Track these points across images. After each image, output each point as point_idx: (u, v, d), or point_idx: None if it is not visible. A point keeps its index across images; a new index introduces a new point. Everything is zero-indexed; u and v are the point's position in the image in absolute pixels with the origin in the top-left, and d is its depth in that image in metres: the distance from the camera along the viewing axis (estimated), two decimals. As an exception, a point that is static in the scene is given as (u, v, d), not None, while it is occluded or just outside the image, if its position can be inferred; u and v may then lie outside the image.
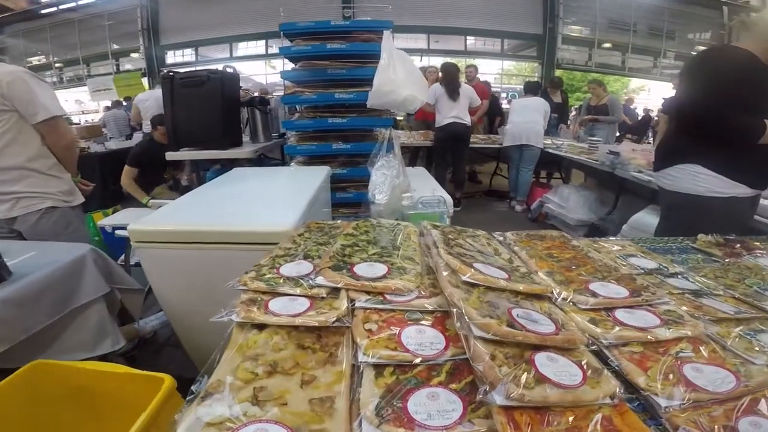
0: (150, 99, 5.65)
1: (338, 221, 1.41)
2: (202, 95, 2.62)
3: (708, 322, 0.91)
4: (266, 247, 1.30)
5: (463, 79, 5.47)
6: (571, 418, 0.64)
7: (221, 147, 2.80)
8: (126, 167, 3.51)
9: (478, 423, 0.64)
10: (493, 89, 10.56)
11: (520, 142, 4.83)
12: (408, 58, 2.30)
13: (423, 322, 0.85)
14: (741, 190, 1.66)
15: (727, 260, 1.35)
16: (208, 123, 2.71)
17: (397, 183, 2.04)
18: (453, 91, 4.70)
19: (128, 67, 14.25)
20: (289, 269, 1.01)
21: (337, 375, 0.73)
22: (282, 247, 1.16)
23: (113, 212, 3.36)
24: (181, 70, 2.89)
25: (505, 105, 10.13)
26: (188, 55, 14.13)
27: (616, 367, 0.77)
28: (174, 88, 2.68)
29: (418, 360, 0.74)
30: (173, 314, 1.72)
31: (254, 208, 1.62)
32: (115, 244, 2.90)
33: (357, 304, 0.88)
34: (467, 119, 4.85)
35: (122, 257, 2.59)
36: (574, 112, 8.61)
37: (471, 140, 5.26)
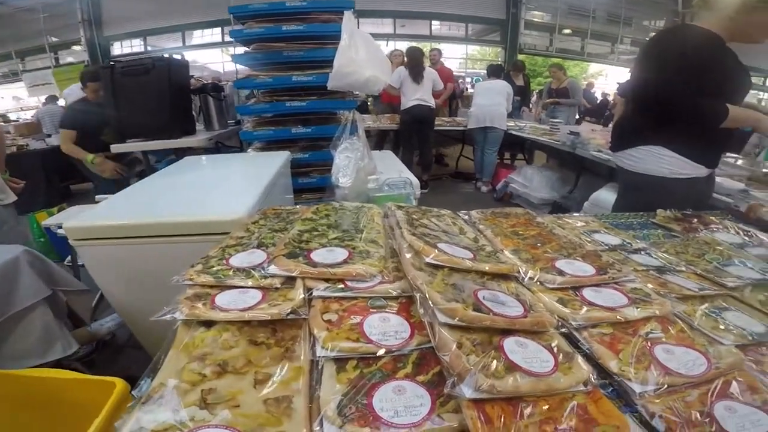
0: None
1: (298, 206, 1.32)
2: (147, 84, 2.43)
3: (674, 300, 0.90)
4: (216, 237, 1.21)
5: (427, 62, 5.46)
6: (545, 408, 0.60)
7: (172, 136, 2.62)
8: (62, 132, 3.21)
9: (448, 418, 0.59)
10: (457, 74, 10.64)
11: (485, 125, 4.91)
12: (370, 38, 2.20)
13: (387, 309, 0.79)
14: (702, 171, 1.69)
15: (685, 235, 1.37)
16: (156, 112, 2.51)
17: (362, 165, 1.97)
18: (417, 74, 4.71)
19: (70, 60, 13.23)
20: (240, 260, 0.92)
21: (294, 371, 0.67)
22: (234, 237, 1.06)
23: (59, 211, 3.11)
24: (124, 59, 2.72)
25: (470, 89, 10.31)
26: (137, 45, 13.15)
27: (587, 351, 0.74)
28: (115, 78, 2.47)
29: (382, 351, 0.69)
30: (126, 314, 1.59)
31: (204, 197, 1.49)
32: (61, 245, 2.66)
33: (315, 293, 0.80)
34: (431, 102, 4.87)
35: (69, 258, 2.40)
36: (535, 96, 8.83)
37: (436, 123, 5.28)
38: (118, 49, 13.20)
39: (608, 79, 15.31)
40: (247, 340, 0.73)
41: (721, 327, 0.84)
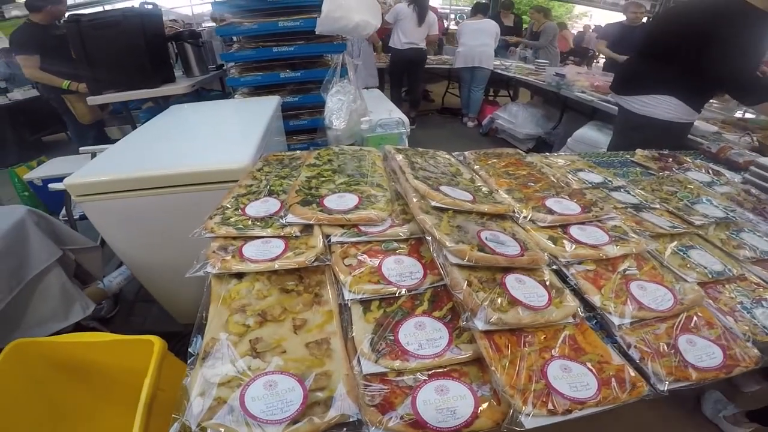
0: None
1: (297, 152, 1.31)
2: (119, 36, 2.22)
3: (648, 239, 0.98)
4: (223, 186, 1.19)
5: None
6: (542, 338, 0.69)
7: (152, 85, 2.47)
8: (20, 59, 2.81)
9: (464, 348, 0.67)
10: (441, 10, 10.01)
11: (473, 65, 4.79)
12: None
13: (399, 251, 0.84)
14: (695, 116, 1.90)
15: (660, 173, 1.44)
16: (131, 64, 2.32)
17: (354, 107, 1.94)
18: (422, 17, 4.43)
19: (15, 13, 11.66)
20: (255, 208, 0.93)
21: (326, 315, 0.72)
22: (243, 185, 1.06)
23: (38, 164, 2.93)
24: (86, 11, 2.44)
25: (453, 26, 9.71)
26: None
27: (575, 286, 0.81)
28: (83, 32, 2.23)
29: (402, 291, 0.75)
30: (136, 268, 1.57)
31: (204, 145, 1.45)
32: (50, 199, 2.54)
33: (333, 240, 0.84)
34: (423, 44, 4.68)
35: (63, 212, 2.26)
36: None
37: (423, 61, 5.11)
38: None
39: (592, 20, 14.67)
40: (279, 289, 0.77)
41: (687, 265, 0.93)
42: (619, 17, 4.64)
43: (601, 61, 5.91)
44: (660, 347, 0.72)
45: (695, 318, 0.79)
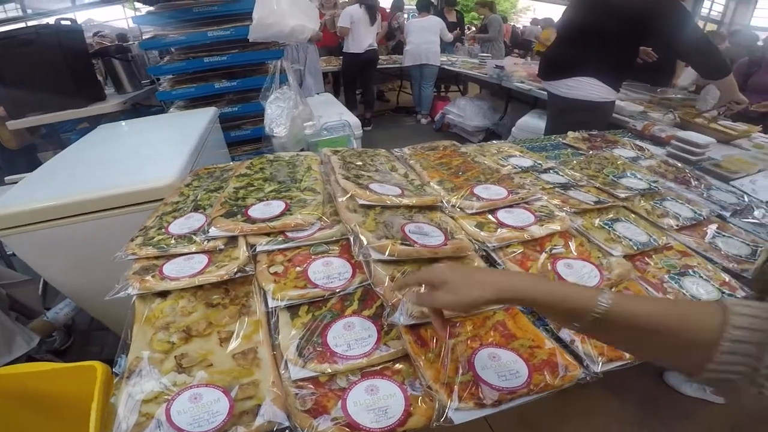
0: None
1: (231, 163, 1.27)
2: (34, 55, 2.06)
3: (572, 215, 0.99)
4: (153, 206, 1.16)
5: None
6: (470, 327, 0.68)
7: (78, 105, 2.32)
8: None
9: (393, 344, 0.66)
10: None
11: (420, 62, 4.86)
12: None
13: (329, 253, 0.83)
14: (615, 95, 1.98)
15: (590, 152, 1.50)
16: (51, 84, 2.14)
17: (296, 113, 1.90)
18: (373, 16, 4.42)
19: None
20: (179, 226, 0.89)
21: (253, 325, 0.70)
22: (168, 203, 1.02)
23: None
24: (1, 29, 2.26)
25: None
26: (11, 9, 10.82)
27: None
28: None
29: (328, 294, 0.73)
30: (78, 298, 1.48)
31: (130, 165, 1.36)
32: None
33: (258, 249, 0.81)
34: (376, 44, 4.71)
35: None
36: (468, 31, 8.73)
37: (375, 62, 5.13)
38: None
39: (536, 14, 15.27)
40: (204, 304, 0.74)
41: (613, 238, 0.94)
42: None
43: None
44: None
45: (625, 292, 0.79)
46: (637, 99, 2.54)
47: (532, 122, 2.94)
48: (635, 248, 0.92)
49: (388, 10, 6.47)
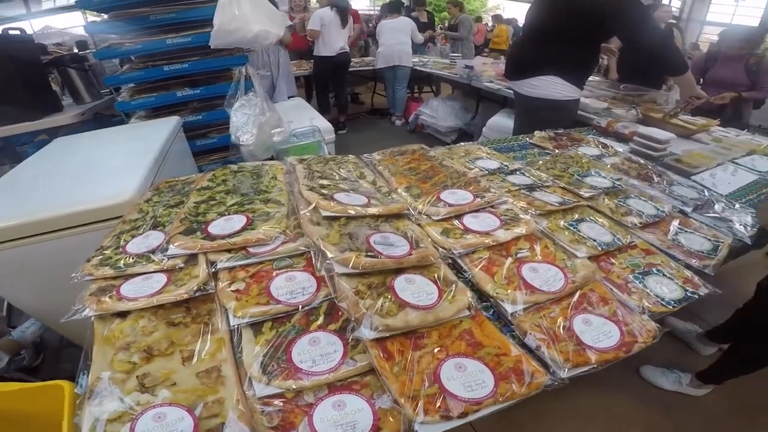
0: None
1: (193, 175, 1.23)
2: None
3: (537, 217, 1.00)
4: (114, 222, 1.11)
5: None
6: (436, 337, 0.68)
7: (32, 117, 2.20)
8: None
9: (360, 359, 0.65)
10: (368, 12, 10.07)
11: (393, 64, 4.88)
12: None
13: (293, 267, 0.80)
14: (579, 93, 2.02)
15: (556, 152, 1.53)
16: (3, 96, 2.04)
17: (263, 120, 1.86)
18: (344, 18, 4.38)
19: None
20: (137, 245, 0.85)
21: (217, 343, 0.68)
22: (127, 220, 0.97)
23: None
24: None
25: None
26: None
27: (470, 277, 0.81)
28: None
29: (292, 309, 0.71)
30: (42, 317, 1.44)
31: (87, 180, 1.28)
32: None
33: (219, 266, 0.79)
34: (348, 47, 4.68)
35: None
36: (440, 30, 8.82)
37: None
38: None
39: (504, 12, 15.55)
40: (165, 323, 0.72)
41: (578, 239, 0.94)
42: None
43: None
44: (556, 332, 0.70)
45: (590, 295, 0.79)
46: (601, 96, 2.61)
47: (502, 121, 2.99)
48: (600, 249, 0.93)
49: (360, 12, 6.45)
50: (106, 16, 1.93)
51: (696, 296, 0.87)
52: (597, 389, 1.68)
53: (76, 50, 3.45)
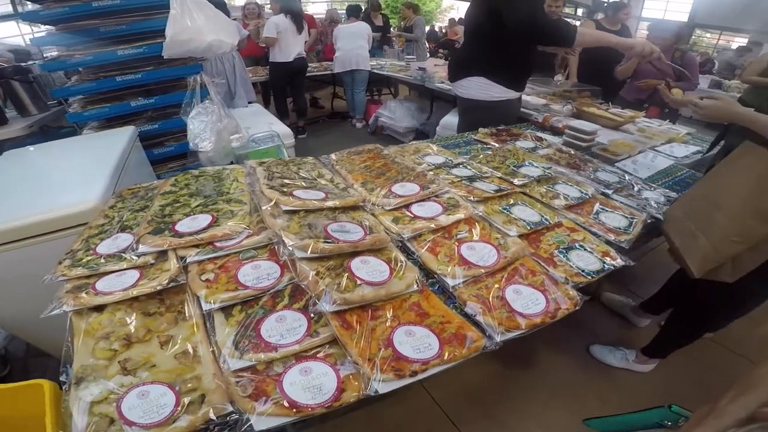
0: None
1: (154, 182, 1.27)
2: None
3: (476, 203, 1.12)
4: (77, 230, 1.14)
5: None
6: (389, 309, 0.78)
7: (-26, 131, 2.14)
8: None
9: (323, 331, 0.74)
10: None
11: (351, 68, 4.98)
12: (205, 2, 2.02)
13: (258, 258, 0.88)
14: (512, 94, 2.01)
15: (497, 146, 1.68)
16: None
17: (221, 126, 1.91)
18: (300, 24, 4.41)
19: None
20: (107, 246, 0.90)
21: (190, 328, 0.75)
22: (94, 226, 1.02)
23: None
24: None
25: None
26: None
27: (417, 258, 0.92)
28: None
29: (259, 293, 0.79)
30: (12, 327, 1.42)
31: (48, 190, 1.30)
32: None
33: (188, 260, 0.86)
34: (304, 53, 4.72)
35: None
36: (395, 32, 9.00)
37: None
38: None
39: (459, 13, 15.88)
40: (141, 314, 0.78)
41: (510, 221, 1.07)
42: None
43: None
44: (491, 301, 0.81)
45: (520, 268, 0.91)
46: (541, 93, 2.84)
47: (453, 120, 3.13)
48: (529, 228, 1.06)
49: (315, 17, 6.50)
50: (53, 28, 1.90)
51: (612, 267, 0.97)
52: (553, 373, 1.75)
53: (14, 62, 3.30)
